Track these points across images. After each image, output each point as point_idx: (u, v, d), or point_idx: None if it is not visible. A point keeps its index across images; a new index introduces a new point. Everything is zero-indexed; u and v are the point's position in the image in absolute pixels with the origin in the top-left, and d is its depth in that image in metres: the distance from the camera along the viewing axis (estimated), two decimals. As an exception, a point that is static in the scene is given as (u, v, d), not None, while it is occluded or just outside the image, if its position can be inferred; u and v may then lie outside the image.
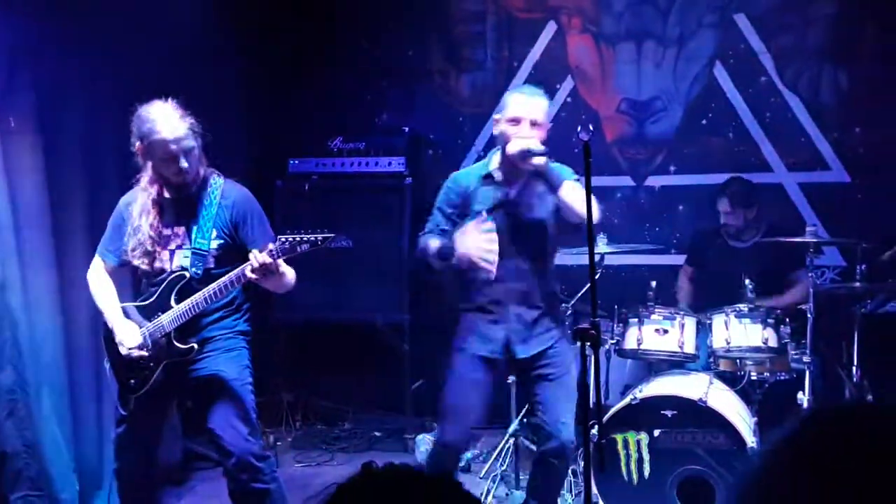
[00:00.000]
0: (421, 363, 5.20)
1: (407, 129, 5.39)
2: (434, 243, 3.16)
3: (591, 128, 2.71)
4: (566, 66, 5.43)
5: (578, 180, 3.11)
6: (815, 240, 3.93)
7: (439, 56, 5.64)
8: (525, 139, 3.05)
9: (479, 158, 5.62)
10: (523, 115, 3.10)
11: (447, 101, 5.63)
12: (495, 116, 3.24)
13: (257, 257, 2.85)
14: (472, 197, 3.24)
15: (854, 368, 4.01)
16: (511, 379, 4.41)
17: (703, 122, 5.24)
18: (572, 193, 3.04)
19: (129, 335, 3.04)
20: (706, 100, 5.23)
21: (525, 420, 4.47)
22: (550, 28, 5.43)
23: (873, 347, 4.02)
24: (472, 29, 5.58)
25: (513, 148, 3.05)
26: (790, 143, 5.11)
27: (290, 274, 3.03)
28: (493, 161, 3.27)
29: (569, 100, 5.42)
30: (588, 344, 2.64)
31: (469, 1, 5.58)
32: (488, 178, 3.25)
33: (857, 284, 3.99)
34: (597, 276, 4.38)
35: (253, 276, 2.86)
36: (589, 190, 2.60)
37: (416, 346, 5.17)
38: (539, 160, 3.00)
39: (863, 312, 4.05)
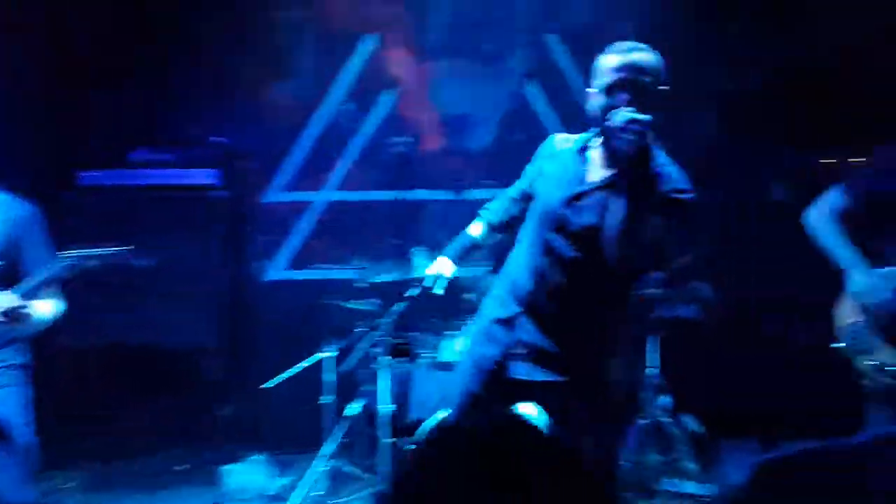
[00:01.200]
0: (231, 389, 4.92)
1: (221, 140, 5.12)
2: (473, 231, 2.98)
3: (408, 140, 2.59)
4: (386, 79, 5.38)
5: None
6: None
7: (258, 65, 5.42)
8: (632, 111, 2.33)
9: (295, 172, 5.50)
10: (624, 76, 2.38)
11: (265, 112, 5.41)
12: (590, 91, 2.50)
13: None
14: (548, 168, 2.63)
15: (656, 370, 4.18)
16: (328, 399, 4.27)
17: (518, 137, 5.36)
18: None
19: None
20: (520, 116, 5.36)
21: (345, 440, 4.34)
22: (371, 40, 5.37)
23: (672, 350, 4.21)
24: (291, 38, 5.41)
25: (617, 119, 2.34)
26: (601, 160, 5.30)
27: (43, 311, 2.74)
28: (596, 140, 2.57)
29: (390, 113, 5.37)
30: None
31: (289, 9, 5.41)
32: (584, 151, 2.55)
33: (658, 290, 4.16)
34: (419, 293, 4.41)
35: (2, 319, 2.55)
36: (411, 200, 2.52)
37: (227, 372, 4.88)
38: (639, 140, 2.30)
39: (663, 317, 4.24)
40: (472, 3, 5.33)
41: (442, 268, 2.90)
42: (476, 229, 2.94)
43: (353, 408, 4.24)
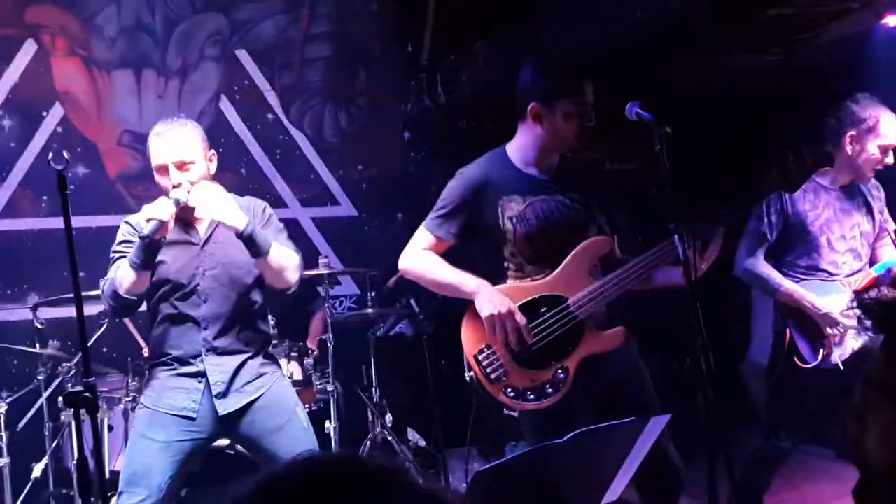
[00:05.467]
0: None
1: None
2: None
3: (65, 155, 2.23)
4: (53, 91, 4.76)
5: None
6: (328, 271, 4.05)
7: None
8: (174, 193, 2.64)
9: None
10: (164, 160, 2.66)
11: None
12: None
13: None
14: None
15: (374, 390, 4.21)
16: (2, 462, 3.67)
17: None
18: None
19: None
20: (215, 134, 4.98)
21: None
22: (30, 47, 4.70)
23: (388, 367, 4.26)
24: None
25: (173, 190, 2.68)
26: (301, 180, 5.23)
27: None
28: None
29: (59, 129, 4.76)
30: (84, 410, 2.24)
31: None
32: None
33: (370, 310, 4.20)
34: (102, 330, 3.94)
35: None
36: (69, 227, 2.19)
37: None
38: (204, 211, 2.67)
39: (377, 336, 4.27)
40: (153, 14, 4.94)
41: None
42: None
43: (39, 468, 3.73)
